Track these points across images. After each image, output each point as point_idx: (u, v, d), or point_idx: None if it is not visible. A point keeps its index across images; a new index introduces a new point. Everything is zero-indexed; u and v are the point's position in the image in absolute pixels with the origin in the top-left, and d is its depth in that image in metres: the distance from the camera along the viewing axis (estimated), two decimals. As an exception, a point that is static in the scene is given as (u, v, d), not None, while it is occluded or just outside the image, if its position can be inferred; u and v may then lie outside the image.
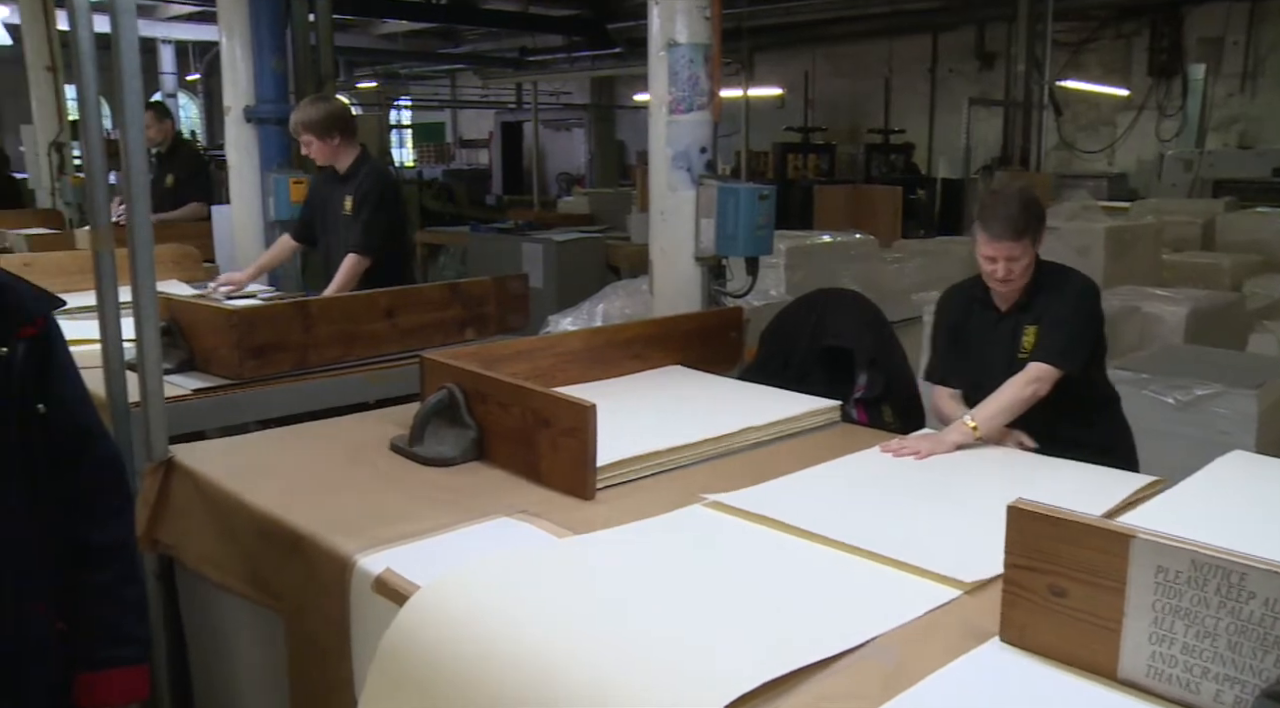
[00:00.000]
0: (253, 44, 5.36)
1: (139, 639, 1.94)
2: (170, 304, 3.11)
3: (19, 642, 1.81)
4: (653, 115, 3.63)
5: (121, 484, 1.96)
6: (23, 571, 1.81)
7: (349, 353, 3.12)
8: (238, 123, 5.35)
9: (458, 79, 20.95)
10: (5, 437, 1.78)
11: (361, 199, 4.02)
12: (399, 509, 2.03)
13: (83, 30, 2.38)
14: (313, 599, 1.90)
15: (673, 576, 1.74)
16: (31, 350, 1.81)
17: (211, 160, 11.27)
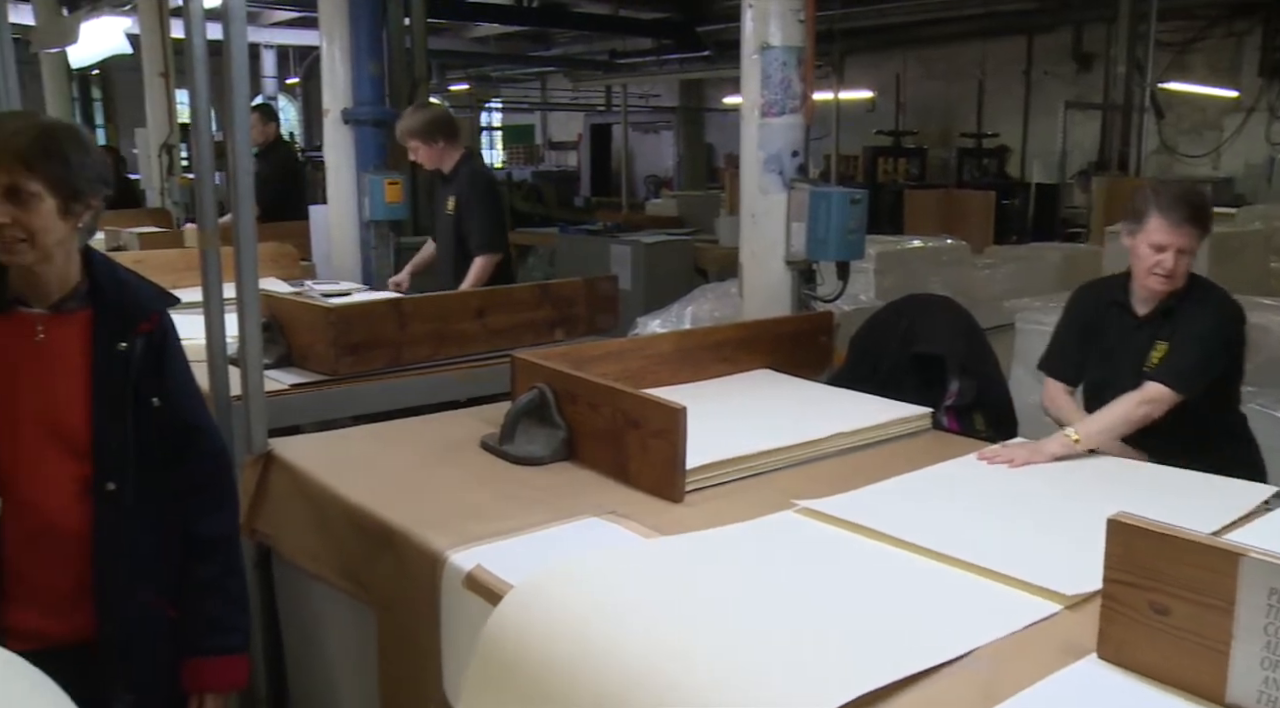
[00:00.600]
0: (351, 48, 5.48)
1: (240, 630, 2.02)
2: (270, 301, 3.19)
3: (134, 625, 1.90)
4: (744, 118, 3.61)
5: (227, 478, 2.03)
6: (137, 558, 1.89)
7: (440, 352, 3.17)
8: (336, 125, 5.47)
9: (548, 81, 21.14)
10: (120, 429, 1.86)
11: (465, 200, 4.14)
12: (489, 507, 2.06)
13: (197, 37, 2.46)
14: (404, 593, 1.94)
15: (766, 581, 1.73)
16: (148, 346, 1.89)
17: (308, 161, 11.57)
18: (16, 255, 1.77)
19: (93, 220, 1.88)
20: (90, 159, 1.83)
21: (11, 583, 1.83)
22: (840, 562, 1.82)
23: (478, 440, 2.43)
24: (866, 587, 1.72)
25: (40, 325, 1.84)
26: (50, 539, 1.84)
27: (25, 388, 1.82)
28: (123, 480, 1.86)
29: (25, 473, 1.81)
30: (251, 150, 6.17)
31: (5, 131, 1.76)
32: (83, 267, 1.88)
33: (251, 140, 5.43)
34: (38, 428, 1.82)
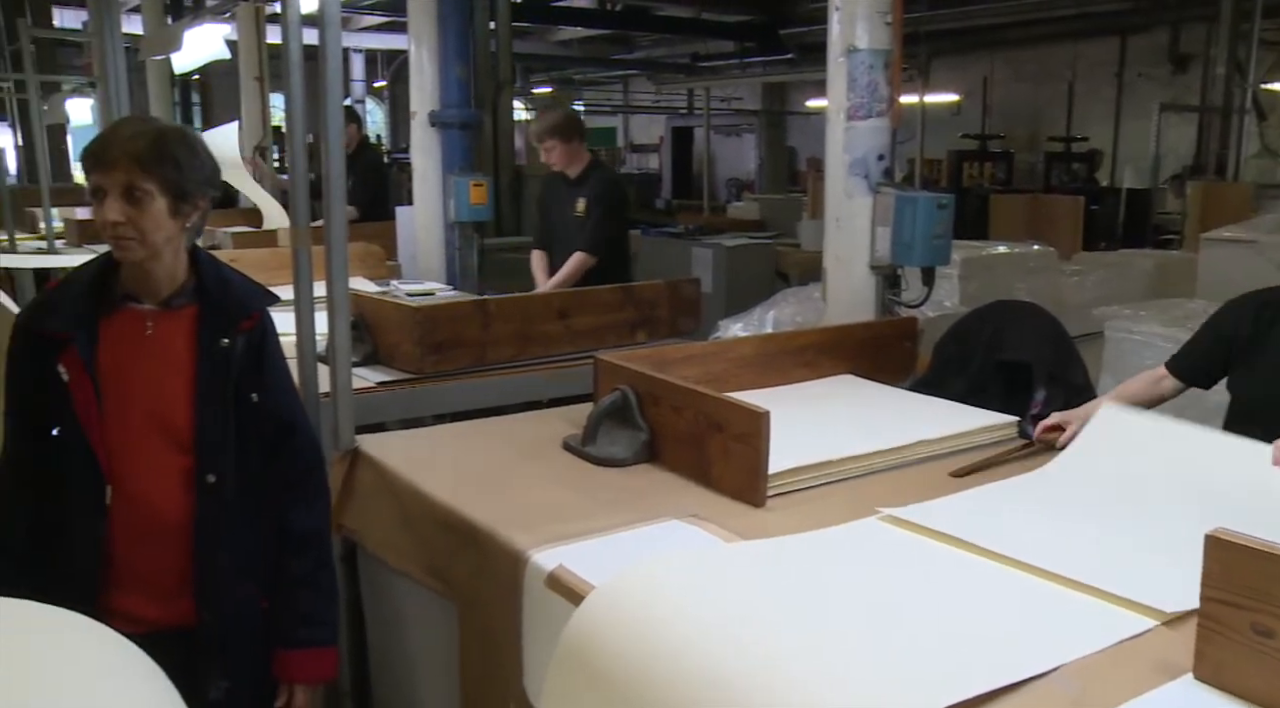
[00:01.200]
0: (439, 52, 5.57)
1: (330, 624, 2.07)
2: (358, 300, 3.25)
3: (230, 615, 1.95)
4: (830, 122, 3.59)
5: (320, 475, 2.08)
6: (235, 549, 1.94)
7: (524, 352, 3.20)
8: (423, 127, 5.56)
9: (630, 84, 21.23)
10: (223, 424, 1.92)
11: (595, 201, 4.19)
12: (571, 507, 2.07)
13: (293, 42, 2.52)
14: (486, 591, 1.96)
15: (851, 588, 1.71)
16: (249, 343, 1.95)
17: (394, 163, 11.77)
18: (128, 252, 1.84)
19: (200, 221, 1.94)
20: (199, 162, 1.90)
21: (118, 569, 1.89)
22: (924, 570, 1.79)
23: (560, 441, 2.45)
24: (951, 597, 1.69)
25: (149, 321, 1.91)
26: (155, 529, 1.90)
27: (135, 382, 1.89)
28: (222, 474, 1.92)
29: (133, 464, 1.88)
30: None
31: (123, 135, 1.84)
32: (190, 265, 1.95)
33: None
34: (146, 420, 1.89)
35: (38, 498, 1.90)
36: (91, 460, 1.85)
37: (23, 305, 2.45)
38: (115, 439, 1.87)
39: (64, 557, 1.88)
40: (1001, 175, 12.44)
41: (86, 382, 1.84)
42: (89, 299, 1.89)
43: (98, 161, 1.83)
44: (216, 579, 1.93)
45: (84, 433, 1.84)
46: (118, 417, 1.87)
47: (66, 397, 1.84)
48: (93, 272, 1.92)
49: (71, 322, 1.85)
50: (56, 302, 1.90)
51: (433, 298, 4.09)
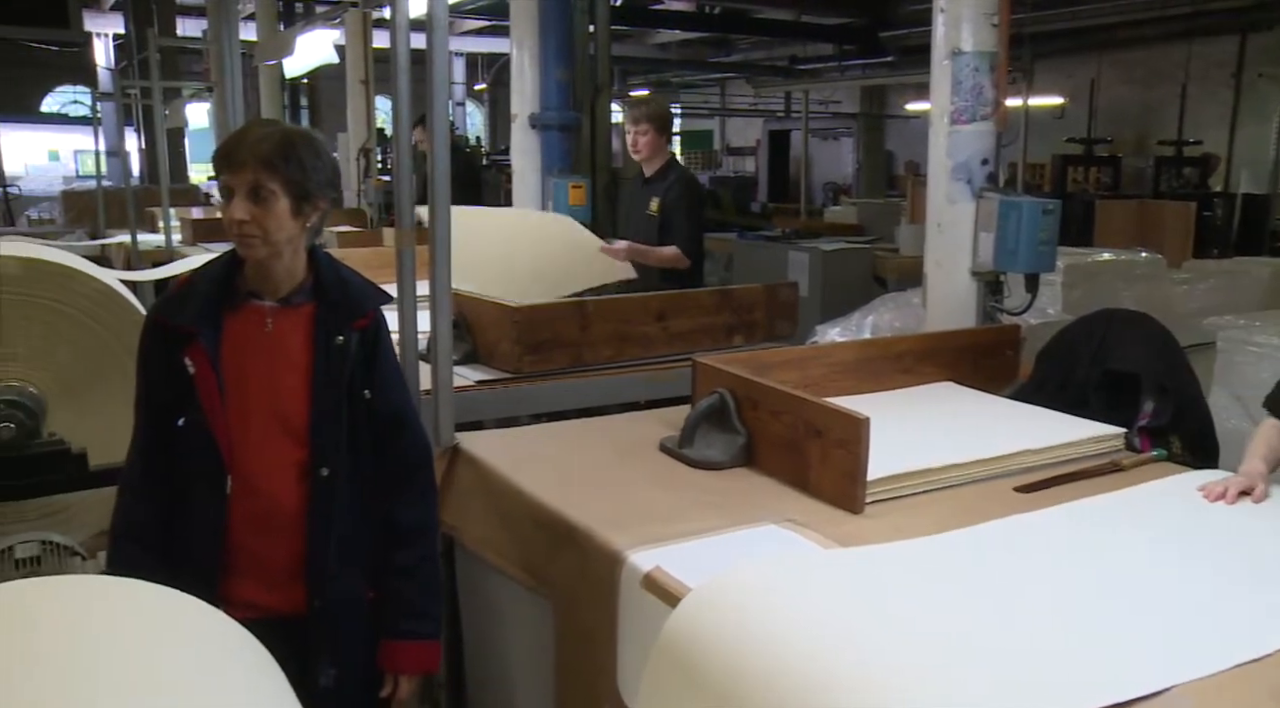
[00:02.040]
0: (540, 55, 5.63)
1: (433, 617, 2.10)
2: (458, 299, 3.30)
3: (340, 604, 2.01)
4: (933, 125, 3.53)
5: (428, 471, 2.13)
6: (345, 541, 1.99)
7: (621, 353, 3.22)
8: (523, 129, 5.63)
9: (727, 87, 21.18)
10: (336, 417, 1.97)
11: (673, 204, 4.19)
12: (667, 509, 2.08)
13: (401, 46, 2.57)
14: (583, 590, 1.97)
15: (955, 597, 1.68)
16: (363, 341, 2.00)
17: (492, 165, 11.94)
18: (252, 250, 1.90)
19: (320, 221, 2.00)
20: (322, 164, 1.95)
21: (234, 557, 1.96)
22: (1031, 582, 1.75)
23: (657, 442, 2.46)
24: (1058, 611, 1.65)
25: (269, 318, 1.97)
26: (271, 518, 1.96)
27: (255, 376, 1.95)
28: (335, 467, 1.97)
29: (253, 456, 1.94)
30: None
31: (252, 137, 1.90)
32: (308, 264, 2.01)
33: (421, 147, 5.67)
34: (265, 414, 1.95)
35: (164, 487, 1.97)
36: (214, 451, 1.92)
37: (147, 302, 2.55)
38: (236, 431, 1.94)
39: (187, 544, 1.95)
40: (1108, 180, 12.09)
41: (211, 375, 1.91)
42: (215, 295, 1.95)
43: (227, 162, 1.89)
44: (327, 569, 1.98)
45: (208, 424, 1.91)
46: (239, 409, 1.94)
47: (192, 389, 1.91)
48: (218, 269, 1.99)
49: (198, 317, 1.92)
50: (185, 297, 1.97)
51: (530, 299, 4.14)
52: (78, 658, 1.00)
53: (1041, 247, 3.34)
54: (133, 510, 1.99)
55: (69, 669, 0.97)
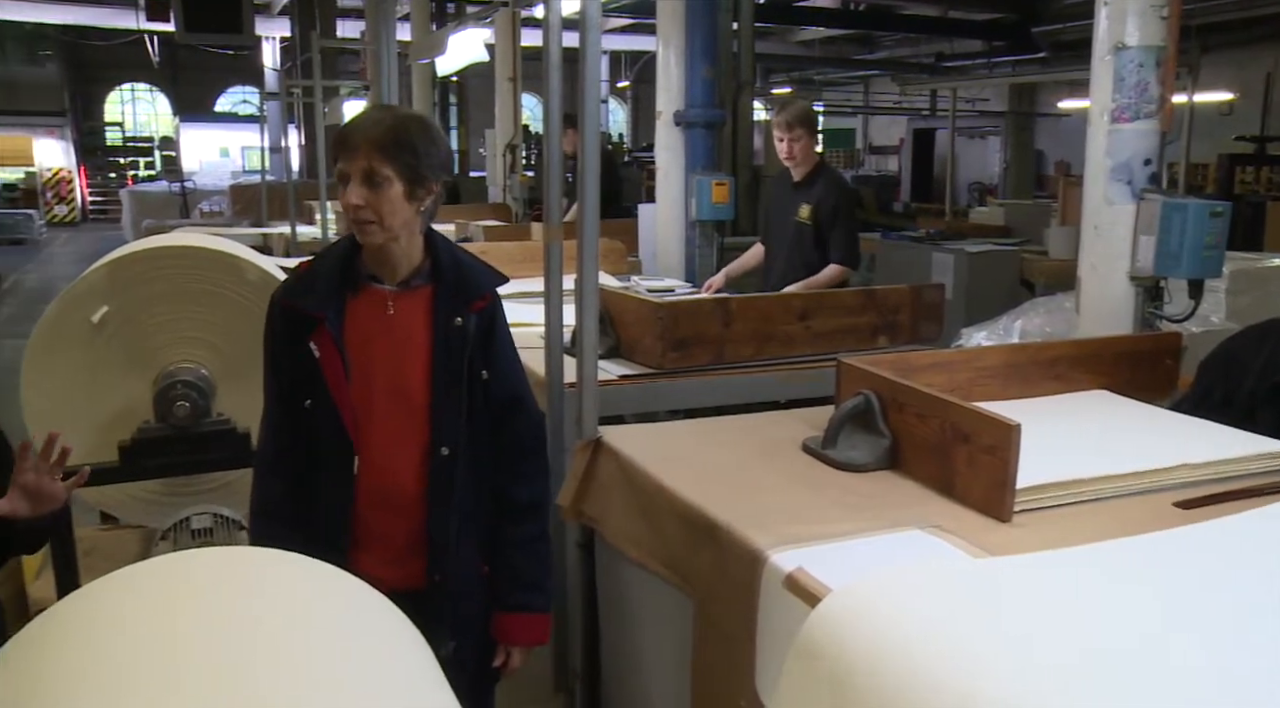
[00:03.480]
0: (686, 52, 5.64)
1: (545, 590, 2.17)
2: (602, 295, 3.34)
3: (457, 578, 2.07)
4: (1092, 123, 3.41)
5: (542, 448, 2.18)
6: (464, 517, 2.06)
7: (763, 352, 3.21)
8: (668, 127, 5.65)
9: (870, 85, 20.85)
10: (455, 398, 2.03)
11: (827, 209, 4.16)
12: (810, 510, 2.06)
13: (554, 44, 2.62)
14: (723, 588, 1.97)
15: (1110, 613, 1.62)
16: (480, 322, 2.05)
17: (634, 161, 12.03)
18: (367, 235, 1.96)
19: (433, 205, 2.04)
20: (435, 149, 2.00)
21: (360, 533, 2.04)
22: (1195, 601, 1.68)
23: (799, 442, 2.44)
24: (1221, 633, 1.57)
25: (390, 301, 2.03)
26: (394, 496, 2.03)
27: (379, 358, 2.02)
28: (455, 445, 2.03)
29: (377, 436, 2.02)
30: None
31: (367, 122, 1.96)
32: (425, 248, 2.06)
33: (571, 144, 5.76)
34: (388, 395, 2.02)
35: (295, 465, 2.06)
36: (341, 431, 1.99)
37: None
38: (362, 412, 2.01)
39: (317, 520, 2.04)
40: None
41: (336, 357, 1.98)
42: (337, 280, 2.02)
43: (343, 148, 1.96)
44: (446, 544, 2.05)
45: (334, 405, 1.99)
46: (363, 391, 2.01)
47: (317, 371, 1.98)
48: (339, 254, 2.06)
49: (322, 301, 1.99)
50: (308, 282, 2.04)
51: (672, 294, 4.16)
52: (268, 623, 1.05)
53: (1207, 251, 3.19)
54: (269, 488, 2.09)
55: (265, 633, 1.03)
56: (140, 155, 26.79)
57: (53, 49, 24.32)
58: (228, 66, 24.86)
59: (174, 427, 3.13)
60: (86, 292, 3.34)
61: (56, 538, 2.94)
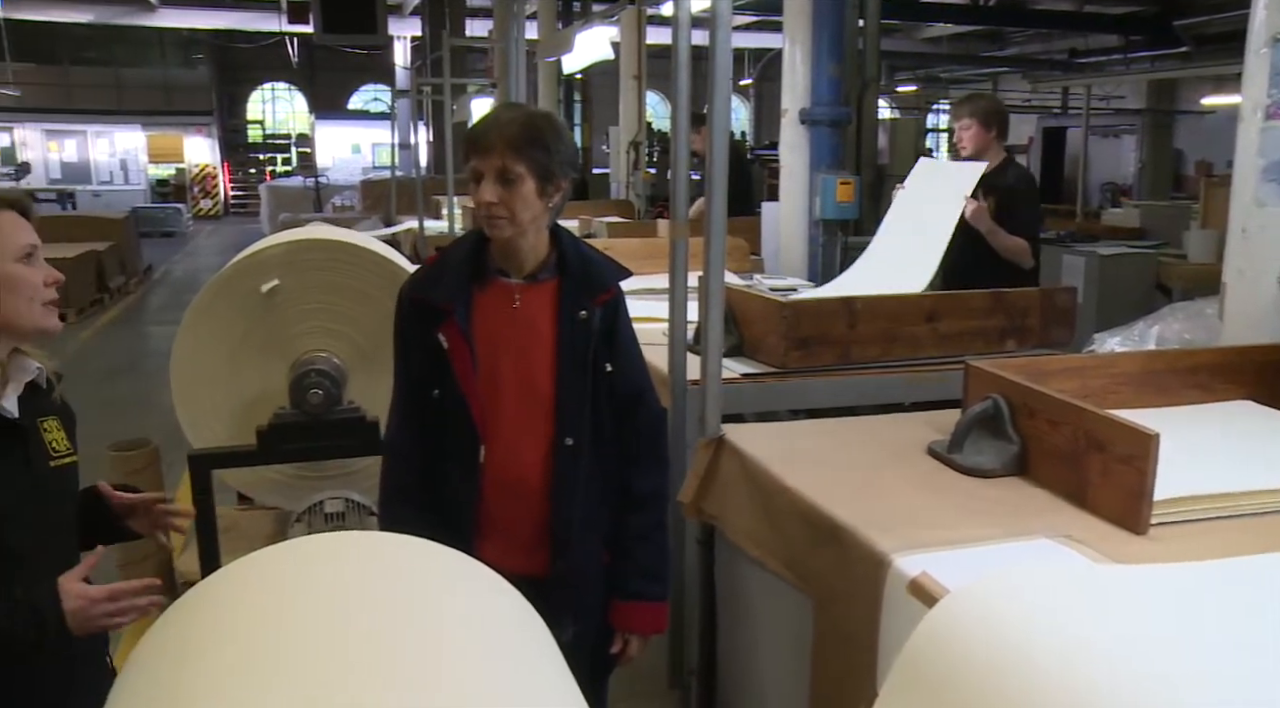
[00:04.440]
0: (812, 50, 5.59)
1: (663, 580, 2.19)
2: (727, 292, 3.34)
3: (580, 567, 2.11)
4: (1243, 121, 3.25)
5: (662, 441, 2.20)
6: (586, 507, 2.09)
7: (888, 353, 3.17)
8: (793, 125, 5.61)
9: (999, 82, 20.33)
10: (580, 390, 2.06)
11: (1010, 201, 4.09)
12: (935, 514, 2.03)
13: (682, 42, 2.63)
14: (845, 590, 1.96)
15: (1241, 631, 1.56)
16: (604, 315, 2.08)
17: (756, 159, 11.99)
18: (499, 230, 2.00)
19: (561, 201, 2.08)
20: (564, 146, 2.03)
21: (485, 522, 2.09)
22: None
23: (924, 445, 2.40)
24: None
25: (517, 294, 2.08)
26: (519, 486, 2.08)
27: (506, 350, 2.06)
28: (579, 437, 2.06)
29: (504, 426, 2.06)
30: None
31: (500, 121, 2.00)
32: (551, 242, 2.09)
33: (697, 144, 5.74)
34: (514, 386, 2.06)
35: (424, 453, 2.12)
36: (469, 421, 2.04)
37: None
38: (488, 403, 2.05)
39: (444, 508, 2.09)
40: None
41: (464, 349, 2.02)
42: (465, 273, 2.07)
43: (476, 147, 2.00)
44: (569, 534, 2.08)
45: (462, 396, 2.03)
46: (490, 382, 2.05)
47: (446, 362, 2.03)
48: (467, 247, 2.11)
49: (451, 293, 2.04)
50: (437, 275, 2.10)
51: (795, 294, 4.13)
52: (400, 605, 1.09)
53: (1369, 257, 3.03)
54: (398, 475, 2.15)
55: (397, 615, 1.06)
56: (278, 152, 27.98)
57: (204, 52, 25.74)
58: (361, 66, 25.82)
59: (308, 413, 3.24)
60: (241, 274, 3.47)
61: (201, 517, 3.08)
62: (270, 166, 27.46)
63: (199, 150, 26.62)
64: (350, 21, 7.16)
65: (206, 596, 1.15)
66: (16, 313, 1.63)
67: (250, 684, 0.92)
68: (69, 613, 1.53)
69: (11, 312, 1.62)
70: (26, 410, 1.69)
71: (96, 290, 11.80)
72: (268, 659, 0.96)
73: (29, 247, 1.64)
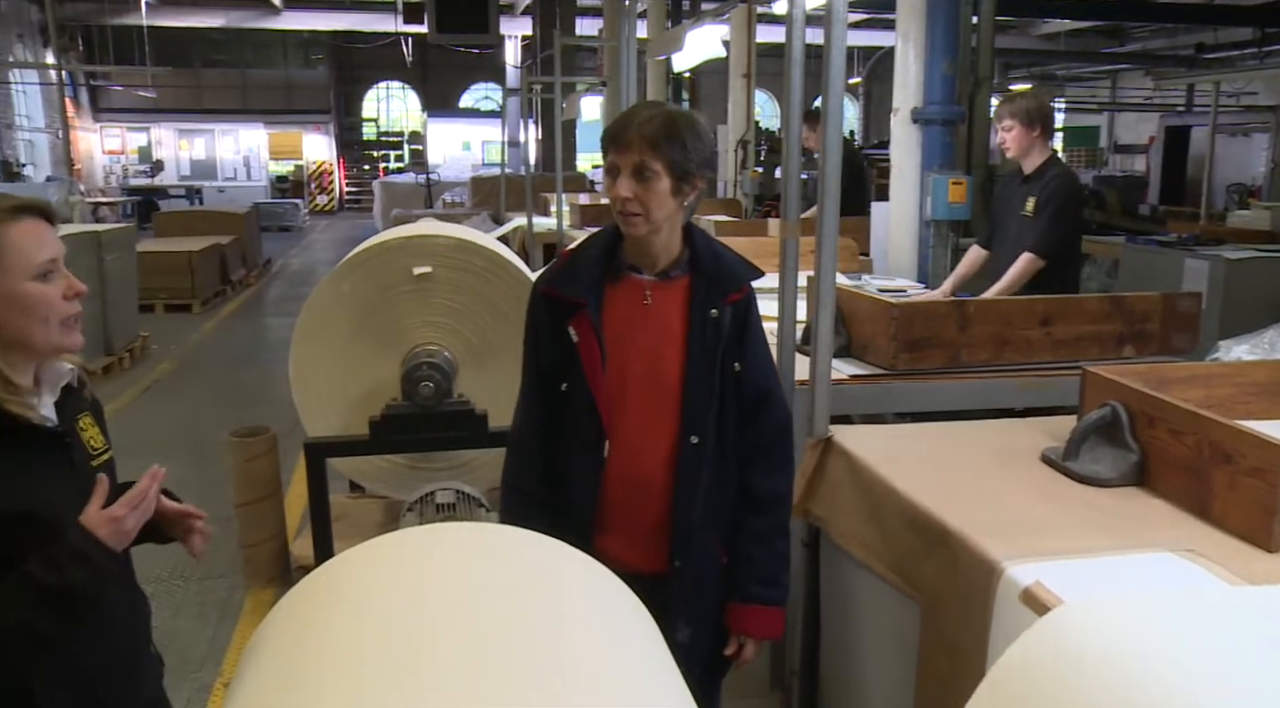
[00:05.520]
0: (926, 48, 5.50)
1: (781, 585, 2.16)
2: (836, 292, 3.31)
3: (698, 566, 2.10)
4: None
5: (787, 443, 2.17)
6: (706, 505, 2.08)
7: (1000, 357, 3.09)
8: (904, 124, 5.53)
9: (1119, 80, 19.69)
10: (707, 388, 2.06)
11: (1046, 200, 4.00)
12: (1049, 523, 1.98)
13: (796, 40, 2.61)
14: (953, 596, 1.92)
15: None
16: (735, 314, 2.07)
17: (866, 159, 11.84)
18: (632, 227, 2.01)
19: (696, 200, 2.08)
20: (702, 145, 2.03)
21: (607, 516, 2.10)
22: None
23: (1037, 452, 2.35)
24: None
25: (648, 290, 2.08)
26: (641, 482, 2.08)
27: (635, 346, 2.07)
28: (703, 435, 2.06)
29: (629, 421, 2.07)
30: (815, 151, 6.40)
31: (639, 118, 2.01)
32: (683, 240, 2.09)
33: (812, 142, 5.67)
34: (641, 382, 2.07)
35: (548, 446, 2.14)
36: (594, 416, 2.05)
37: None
38: (615, 398, 2.06)
39: (567, 501, 2.11)
40: None
41: (594, 343, 2.04)
42: (599, 268, 2.08)
43: (615, 142, 2.01)
44: (690, 532, 2.08)
45: (589, 390, 2.05)
46: (618, 377, 2.06)
47: (575, 356, 2.05)
48: (602, 243, 2.12)
49: (584, 288, 2.06)
50: (571, 270, 2.11)
51: (905, 295, 4.08)
52: (514, 600, 1.11)
53: None
54: (521, 467, 2.18)
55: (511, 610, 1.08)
56: (391, 149, 28.75)
57: (324, 53, 26.72)
58: (472, 64, 26.38)
59: (419, 405, 3.32)
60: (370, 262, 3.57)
61: (316, 504, 3.18)
62: (383, 163, 28.25)
63: (316, 147, 27.57)
64: (463, 21, 7.30)
65: (331, 578, 1.19)
66: (29, 335, 1.56)
67: (370, 668, 0.95)
68: (105, 538, 1.52)
69: (24, 334, 1.56)
70: (64, 413, 1.67)
71: (220, 282, 12.26)
72: (388, 644, 0.99)
73: (46, 264, 1.56)
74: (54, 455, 1.63)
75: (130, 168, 25.79)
